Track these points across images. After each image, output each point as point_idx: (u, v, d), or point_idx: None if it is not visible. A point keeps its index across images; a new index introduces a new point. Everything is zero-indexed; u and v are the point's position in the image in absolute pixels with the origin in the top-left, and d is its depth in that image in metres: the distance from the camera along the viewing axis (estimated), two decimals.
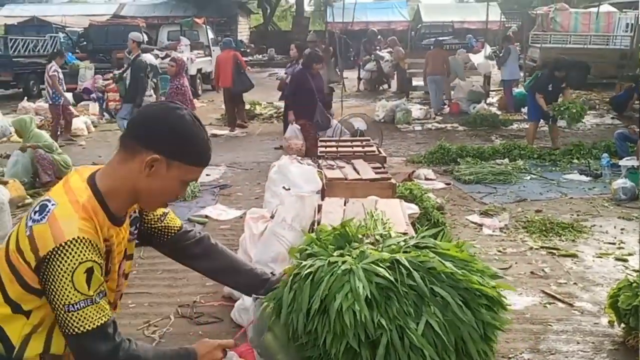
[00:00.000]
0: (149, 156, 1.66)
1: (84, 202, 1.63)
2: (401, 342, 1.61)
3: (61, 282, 1.54)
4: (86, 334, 1.57)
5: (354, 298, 1.65)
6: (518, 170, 8.76)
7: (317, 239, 2.05)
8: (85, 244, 1.56)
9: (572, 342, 3.99)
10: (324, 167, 5.44)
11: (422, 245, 1.94)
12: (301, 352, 1.74)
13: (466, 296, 1.75)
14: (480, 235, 6.14)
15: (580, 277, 5.03)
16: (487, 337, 1.77)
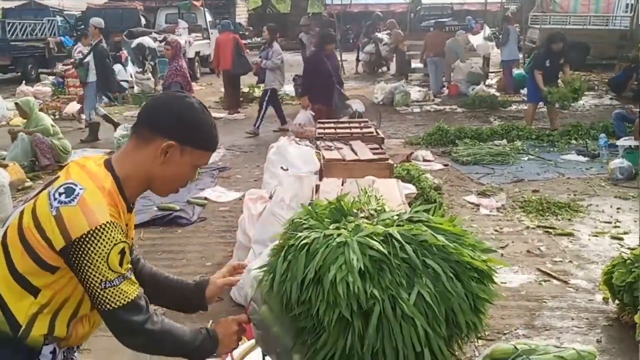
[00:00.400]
0: (164, 143, 1.73)
1: (109, 189, 1.69)
2: (393, 312, 1.66)
3: (97, 263, 1.60)
4: (122, 307, 1.64)
5: (347, 269, 1.69)
6: (516, 151, 8.78)
7: (314, 212, 2.09)
8: (117, 227, 1.63)
9: (567, 319, 4.05)
10: (322, 148, 5.47)
11: (415, 220, 1.97)
12: (295, 323, 1.78)
13: (457, 269, 1.78)
14: (478, 215, 6.18)
15: (575, 255, 5.08)
16: (476, 309, 1.80)
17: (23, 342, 1.69)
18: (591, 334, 3.86)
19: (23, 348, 1.69)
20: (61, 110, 12.66)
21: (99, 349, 3.80)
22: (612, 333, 3.89)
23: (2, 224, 5.22)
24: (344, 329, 1.69)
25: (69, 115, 12.31)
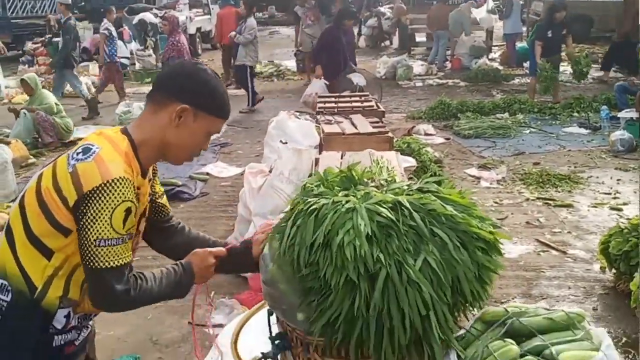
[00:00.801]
0: (178, 107, 1.77)
1: (125, 150, 1.73)
2: (399, 276, 1.69)
3: (101, 216, 1.62)
4: (108, 269, 1.65)
5: (355, 234, 1.72)
6: (518, 124, 8.79)
7: (325, 179, 2.12)
8: (129, 185, 1.66)
9: (564, 287, 4.10)
10: (322, 122, 5.48)
11: (425, 190, 2.00)
12: (303, 283, 1.82)
13: (464, 238, 1.80)
14: (478, 187, 6.21)
15: (574, 226, 5.12)
16: (481, 279, 1.83)
17: (39, 304, 1.72)
18: (587, 302, 3.92)
19: (39, 310, 1.73)
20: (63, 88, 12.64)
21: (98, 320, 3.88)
22: (608, 301, 3.94)
23: (7, 199, 5.28)
24: (350, 291, 1.72)
25: (70, 93, 12.30)
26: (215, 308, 3.95)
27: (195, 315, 3.87)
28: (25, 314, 1.73)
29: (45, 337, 1.76)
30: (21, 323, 1.74)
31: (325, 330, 1.79)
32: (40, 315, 1.74)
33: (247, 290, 4.10)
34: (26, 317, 1.73)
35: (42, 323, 1.75)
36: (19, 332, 1.74)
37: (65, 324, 1.79)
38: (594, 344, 1.79)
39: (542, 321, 1.88)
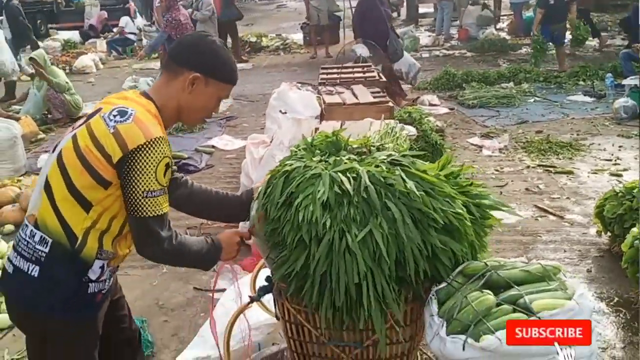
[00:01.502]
0: (190, 75, 1.95)
1: (155, 113, 1.95)
2: (339, 244, 1.81)
3: (147, 171, 1.81)
4: (155, 217, 1.84)
5: (312, 199, 1.84)
6: (522, 93, 8.78)
7: (311, 143, 2.22)
8: (166, 143, 1.87)
9: (560, 251, 4.18)
10: (323, 93, 5.56)
11: (397, 163, 2.07)
12: (269, 237, 1.98)
13: (418, 216, 1.88)
14: (480, 156, 6.27)
15: (573, 192, 5.18)
16: (436, 259, 1.91)
17: (79, 255, 1.89)
18: (582, 265, 4.00)
19: (78, 261, 1.90)
20: (71, 65, 12.76)
21: None
22: (603, 263, 4.02)
23: (17, 173, 5.42)
24: (303, 250, 1.86)
25: (79, 69, 12.42)
26: (219, 274, 4.07)
27: (200, 282, 4.03)
28: (63, 264, 1.90)
29: (81, 284, 1.94)
30: (60, 271, 1.90)
31: (283, 281, 1.96)
32: (78, 266, 1.91)
33: (250, 256, 4.22)
34: (64, 267, 1.90)
35: (79, 273, 1.92)
36: (58, 279, 1.91)
37: (99, 274, 1.97)
38: (567, 294, 1.88)
39: (518, 273, 1.97)
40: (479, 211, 2.11)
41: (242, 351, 2.88)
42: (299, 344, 2.22)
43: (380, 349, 2.04)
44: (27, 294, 1.93)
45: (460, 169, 2.15)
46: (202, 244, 2.05)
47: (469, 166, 2.23)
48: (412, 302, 2.01)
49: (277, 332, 2.94)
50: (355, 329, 2.03)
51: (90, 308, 2.01)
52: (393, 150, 2.16)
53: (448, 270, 1.93)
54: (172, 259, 2.03)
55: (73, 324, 1.98)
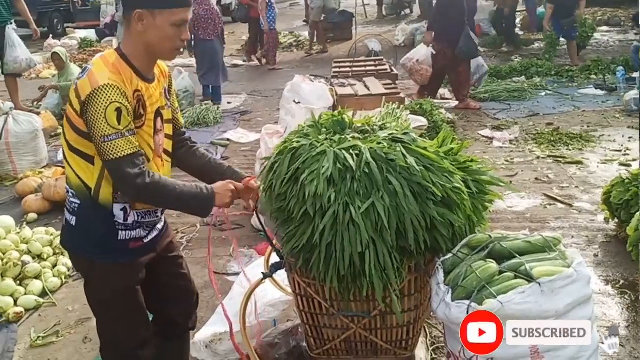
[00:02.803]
0: (135, 13, 2.05)
1: (113, 62, 2.07)
2: (344, 215, 1.92)
3: (97, 117, 1.97)
4: (118, 160, 1.99)
5: (316, 175, 1.96)
6: (534, 87, 8.84)
7: (317, 122, 2.34)
8: (114, 89, 1.98)
9: (567, 237, 4.26)
10: (336, 85, 5.68)
11: (398, 140, 2.18)
12: (277, 214, 2.11)
13: (418, 190, 2.00)
14: (490, 147, 6.35)
15: (582, 182, 5.26)
16: (435, 230, 2.02)
17: (97, 202, 2.12)
18: (589, 250, 4.08)
19: (99, 207, 2.13)
20: (88, 63, 12.94)
21: None
22: (610, 248, 4.10)
23: (38, 165, 5.58)
24: (309, 224, 1.98)
25: None
26: (235, 258, 4.22)
27: (217, 266, 4.16)
28: (90, 212, 2.14)
29: (110, 230, 2.16)
30: (89, 219, 2.16)
31: (292, 255, 2.08)
32: (101, 211, 2.13)
33: (265, 243, 4.35)
34: (91, 214, 2.15)
35: (105, 218, 2.14)
36: (89, 226, 2.17)
37: (124, 217, 2.17)
38: (566, 263, 1.99)
39: (520, 244, 2.07)
40: (478, 186, 2.22)
41: (257, 328, 3.01)
42: (310, 317, 2.34)
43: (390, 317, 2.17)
44: (71, 240, 2.24)
45: (460, 145, 2.26)
46: (192, 188, 2.15)
47: (467, 142, 2.32)
48: (415, 272, 2.13)
49: (291, 309, 3.06)
50: (362, 300, 2.15)
51: (123, 254, 2.21)
52: (395, 129, 2.26)
53: (447, 241, 2.04)
54: (154, 196, 2.09)
55: (107, 267, 2.21)
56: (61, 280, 4.05)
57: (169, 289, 2.51)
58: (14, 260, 3.93)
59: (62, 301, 3.86)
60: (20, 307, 3.71)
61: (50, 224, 4.88)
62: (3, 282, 3.81)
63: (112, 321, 2.32)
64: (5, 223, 4.34)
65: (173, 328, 2.60)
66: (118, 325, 2.31)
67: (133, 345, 2.33)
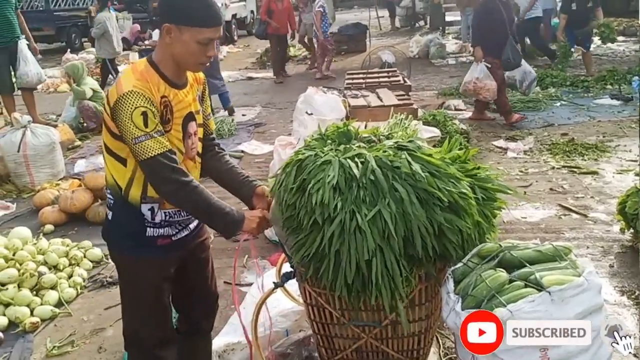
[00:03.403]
0: (165, 27, 2.14)
1: (141, 70, 2.18)
2: (350, 223, 1.94)
3: (125, 122, 2.07)
4: (151, 158, 2.09)
5: (322, 183, 1.98)
6: (549, 97, 8.80)
7: (323, 134, 2.36)
8: (137, 95, 2.07)
9: (582, 247, 4.23)
10: (349, 97, 5.70)
11: (403, 147, 2.20)
12: (286, 223, 2.12)
13: (424, 196, 2.00)
14: (505, 158, 6.33)
15: (598, 192, 5.22)
16: (443, 236, 2.02)
17: (127, 201, 2.25)
18: (604, 260, 4.04)
19: (129, 205, 2.26)
20: None
21: None
22: (625, 259, 4.05)
23: (56, 178, 5.64)
24: (318, 232, 1.99)
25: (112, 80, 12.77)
26: (248, 268, 4.24)
27: (230, 277, 4.17)
28: (122, 208, 2.28)
29: (139, 226, 2.29)
30: (121, 214, 2.30)
31: (302, 264, 2.10)
32: (130, 209, 2.26)
33: (278, 253, 4.36)
34: (123, 210, 2.28)
35: (135, 216, 2.26)
36: (121, 221, 2.31)
37: (151, 216, 2.28)
38: (577, 271, 1.98)
39: (531, 253, 2.07)
40: (485, 194, 2.22)
41: (268, 338, 3.02)
42: (321, 326, 2.35)
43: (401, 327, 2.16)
44: (108, 233, 2.40)
45: (466, 152, 2.26)
46: (225, 205, 2.22)
47: (474, 150, 2.33)
48: (425, 281, 2.13)
49: (303, 319, 3.07)
50: (372, 309, 2.16)
51: (152, 250, 2.31)
52: (401, 138, 2.27)
53: (456, 248, 2.03)
54: (187, 196, 2.15)
55: (136, 261, 2.34)
56: (76, 290, 4.09)
57: (196, 289, 2.61)
58: (30, 270, 3.98)
59: (78, 311, 3.90)
60: (36, 317, 3.76)
61: (66, 235, 4.93)
62: (20, 292, 3.86)
63: (136, 316, 2.42)
64: (22, 234, 4.40)
65: (197, 328, 2.69)
66: (141, 321, 2.41)
67: (155, 343, 2.41)
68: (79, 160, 7.10)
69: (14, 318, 3.71)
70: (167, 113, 2.19)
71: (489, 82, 7.33)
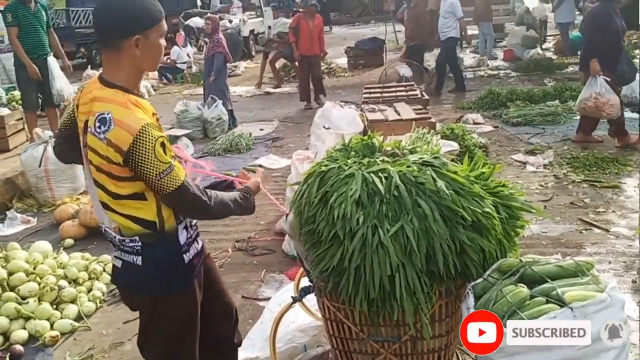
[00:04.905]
0: (131, 41, 2.04)
1: (125, 100, 2.03)
2: (372, 238, 1.92)
3: (147, 159, 1.97)
4: (177, 190, 2.03)
5: (344, 197, 1.97)
6: (568, 111, 8.72)
7: (347, 146, 2.36)
8: (150, 126, 1.99)
9: (604, 262, 4.17)
10: (366, 111, 5.70)
11: (428, 164, 2.19)
12: (305, 237, 2.10)
13: (448, 214, 1.99)
14: (524, 172, 6.28)
15: (619, 206, 5.15)
16: (464, 254, 2.01)
17: (164, 232, 2.13)
18: (627, 276, 3.98)
19: (166, 236, 2.14)
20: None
21: None
22: None
23: (76, 192, 5.69)
24: (339, 246, 1.98)
25: None
26: (265, 283, 4.23)
27: (248, 291, 4.17)
28: (157, 246, 2.14)
29: (178, 257, 2.19)
30: (156, 254, 2.14)
31: (321, 279, 2.10)
32: (168, 240, 2.15)
33: (297, 266, 4.36)
34: (159, 248, 2.14)
35: (172, 246, 2.17)
36: (157, 260, 2.15)
37: (186, 236, 2.21)
38: (599, 287, 1.95)
39: (552, 268, 2.04)
40: (509, 212, 2.20)
41: (288, 353, 3.01)
42: (340, 341, 2.33)
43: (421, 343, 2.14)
44: (136, 279, 2.20)
45: (491, 170, 2.24)
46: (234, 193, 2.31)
47: (499, 166, 2.31)
48: (446, 297, 2.11)
49: (321, 334, 3.05)
50: (392, 324, 2.14)
51: (190, 276, 2.24)
52: (425, 153, 2.26)
53: (477, 266, 2.02)
54: (214, 210, 2.17)
55: (177, 295, 2.23)
56: (96, 304, 4.11)
57: (216, 305, 2.53)
58: (50, 284, 4.01)
59: (97, 325, 3.92)
60: (56, 330, 3.78)
61: (86, 249, 4.97)
62: (40, 306, 3.89)
63: (171, 351, 2.32)
64: (43, 248, 4.44)
65: (224, 345, 2.61)
66: (175, 354, 2.33)
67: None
68: None
69: (34, 332, 3.74)
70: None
71: (612, 97, 6.57)
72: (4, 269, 4.01)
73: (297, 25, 10.78)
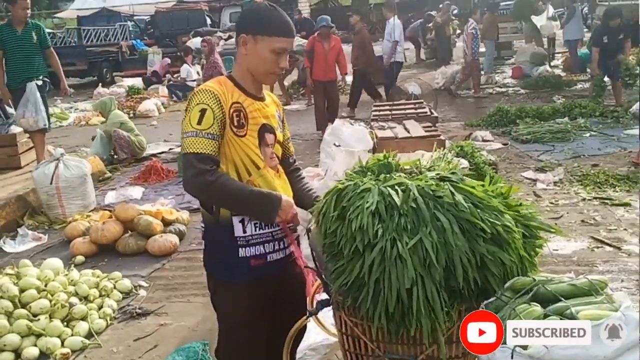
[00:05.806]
0: (240, 37, 2.27)
1: (221, 80, 2.33)
2: (391, 251, 1.92)
3: (186, 114, 2.22)
4: (190, 154, 2.16)
5: (361, 210, 1.98)
6: (578, 128, 8.72)
7: (364, 167, 2.37)
8: (207, 93, 2.20)
9: (616, 281, 4.14)
10: (376, 128, 5.72)
11: (446, 179, 2.19)
12: (327, 250, 2.10)
13: (466, 227, 1.99)
14: (534, 189, 6.26)
15: (631, 224, 5.12)
16: (485, 268, 2.00)
17: (219, 219, 2.29)
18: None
19: (221, 223, 2.30)
20: (135, 109, 13.40)
21: (174, 311, 4.22)
22: None
23: (87, 209, 5.70)
24: (358, 260, 1.98)
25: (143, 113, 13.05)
26: None
27: None
28: (213, 233, 2.34)
29: (232, 248, 2.29)
30: (213, 239, 2.35)
31: (340, 293, 2.08)
32: (222, 228, 2.29)
33: None
34: (215, 235, 2.33)
35: (226, 235, 2.29)
36: (214, 246, 2.36)
37: (243, 230, 2.29)
38: (614, 306, 1.93)
39: (565, 287, 2.03)
40: (527, 231, 2.20)
41: None
42: (355, 357, 2.32)
43: None
44: (204, 260, 2.44)
45: (509, 188, 2.24)
46: (258, 191, 2.26)
47: (516, 188, 2.30)
48: None
49: (333, 353, 3.05)
50: (409, 342, 2.13)
51: (244, 272, 2.30)
52: (443, 170, 2.27)
53: (498, 281, 2.00)
54: (220, 191, 2.20)
55: (228, 286, 2.35)
56: (106, 321, 4.12)
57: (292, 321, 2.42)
58: (61, 301, 4.02)
59: (107, 342, 3.92)
60: (67, 348, 3.78)
61: (96, 266, 4.99)
62: (51, 323, 3.89)
63: (230, 350, 2.40)
64: (54, 265, 4.46)
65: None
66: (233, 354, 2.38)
67: None
68: (109, 192, 7.21)
69: (45, 349, 3.74)
70: (242, 118, 2.27)
71: None
72: (15, 286, 4.02)
73: (311, 49, 9.99)
